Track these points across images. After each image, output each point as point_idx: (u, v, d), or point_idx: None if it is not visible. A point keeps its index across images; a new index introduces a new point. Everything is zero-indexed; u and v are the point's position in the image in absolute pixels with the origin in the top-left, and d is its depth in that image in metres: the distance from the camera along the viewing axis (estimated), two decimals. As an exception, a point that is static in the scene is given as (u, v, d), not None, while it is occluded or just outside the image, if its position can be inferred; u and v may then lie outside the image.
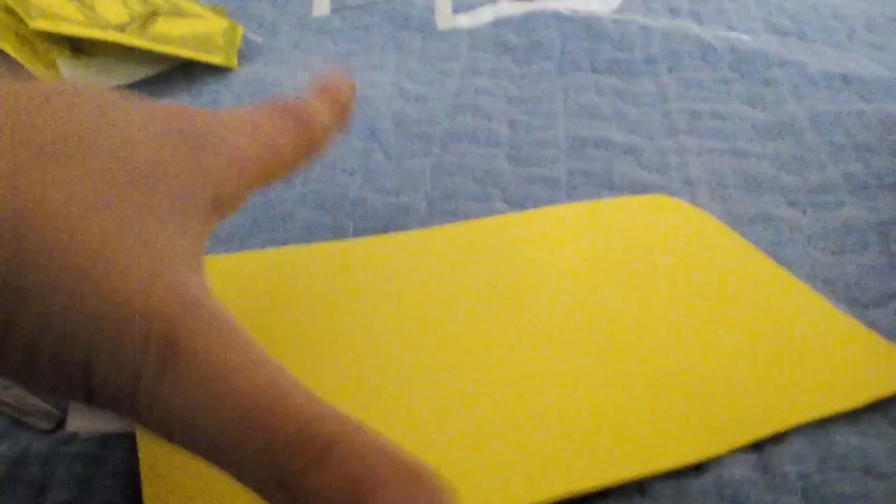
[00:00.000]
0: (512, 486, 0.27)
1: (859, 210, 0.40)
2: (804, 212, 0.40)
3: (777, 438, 0.28)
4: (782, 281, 0.35)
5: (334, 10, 0.65)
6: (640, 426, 0.29)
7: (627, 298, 0.34)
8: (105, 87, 0.26)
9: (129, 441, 0.29)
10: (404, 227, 0.40)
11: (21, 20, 0.52)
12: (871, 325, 0.33)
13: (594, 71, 0.54)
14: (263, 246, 0.39)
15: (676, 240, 0.38)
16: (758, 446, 0.28)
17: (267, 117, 0.29)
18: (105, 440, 0.29)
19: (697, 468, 0.28)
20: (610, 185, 0.43)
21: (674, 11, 0.63)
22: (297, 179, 0.43)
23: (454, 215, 0.41)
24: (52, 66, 0.51)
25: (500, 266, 0.36)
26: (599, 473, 0.27)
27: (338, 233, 0.40)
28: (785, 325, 0.33)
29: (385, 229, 0.40)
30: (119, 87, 0.53)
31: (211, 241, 0.39)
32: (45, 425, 0.29)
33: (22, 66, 0.51)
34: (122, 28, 0.53)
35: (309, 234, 0.40)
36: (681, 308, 0.34)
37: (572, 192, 0.42)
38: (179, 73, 0.55)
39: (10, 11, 0.53)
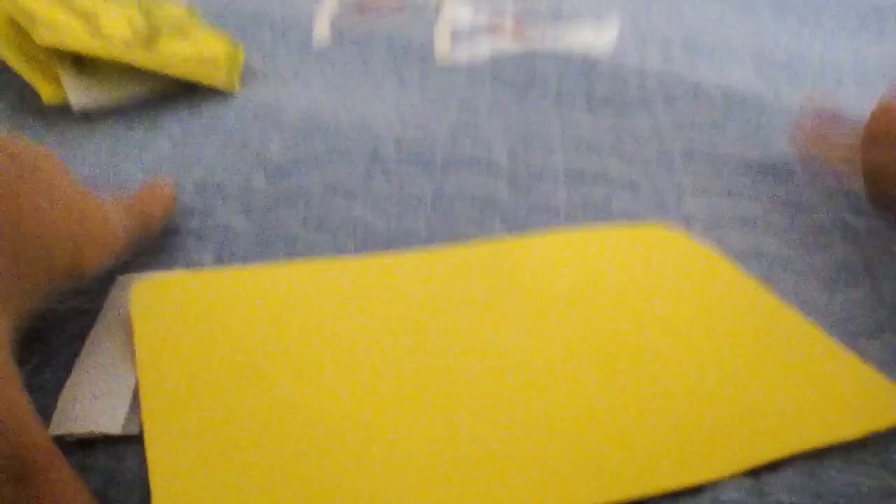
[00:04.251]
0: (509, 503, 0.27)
1: (849, 250, 0.41)
2: (796, 251, 0.41)
3: (773, 467, 0.29)
4: (778, 310, 0.36)
5: (334, 41, 0.65)
6: (639, 448, 0.29)
7: (625, 323, 0.35)
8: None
9: (140, 453, 0.29)
10: (405, 249, 0.40)
11: (27, 34, 0.53)
12: (862, 356, 0.34)
13: (590, 107, 0.55)
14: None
15: (674, 266, 0.39)
16: (754, 473, 0.29)
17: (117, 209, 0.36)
18: (117, 453, 0.29)
19: (694, 490, 0.28)
20: (608, 215, 0.44)
21: (666, 52, 0.64)
22: (300, 203, 0.44)
23: (454, 239, 0.41)
24: (56, 80, 0.52)
25: (499, 287, 0.37)
26: (599, 492, 0.27)
27: (339, 254, 0.40)
28: (782, 353, 0.33)
29: (386, 251, 0.40)
30: (121, 104, 0.54)
31: (214, 263, 0.40)
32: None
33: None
34: (126, 47, 0.53)
35: (310, 255, 0.40)
36: (677, 333, 0.35)
37: (571, 221, 0.43)
38: (181, 92, 0.55)
39: (15, 26, 0.53)
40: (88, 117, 0.53)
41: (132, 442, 0.30)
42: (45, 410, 0.30)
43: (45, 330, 0.35)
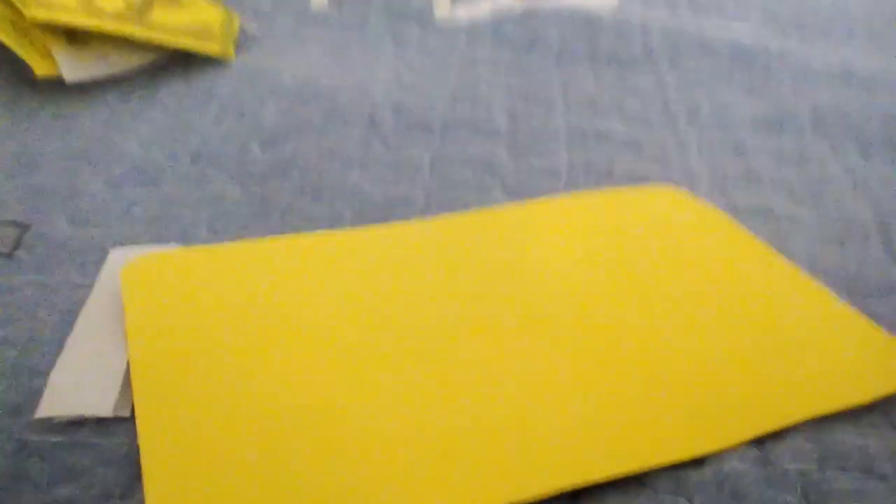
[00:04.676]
0: (512, 479, 0.26)
1: (860, 205, 0.40)
2: (805, 205, 0.40)
3: (778, 434, 0.28)
4: (787, 273, 0.35)
5: (332, 2, 0.64)
6: (641, 419, 0.28)
7: (629, 290, 0.34)
8: None
9: (130, 430, 0.29)
10: (402, 217, 0.40)
11: (17, 9, 0.52)
12: (873, 316, 0.33)
13: (593, 65, 0.54)
14: (262, 236, 0.39)
15: (679, 231, 0.38)
16: (759, 441, 0.28)
17: None
18: (107, 430, 0.29)
19: (698, 461, 0.27)
20: (610, 177, 0.43)
21: (671, 9, 0.63)
22: (295, 170, 0.43)
23: (453, 206, 0.40)
24: (48, 55, 0.51)
25: (500, 256, 0.36)
26: (600, 466, 0.27)
27: (336, 223, 0.39)
28: (790, 318, 0.33)
29: (383, 220, 0.39)
30: (116, 76, 0.53)
31: (208, 233, 0.39)
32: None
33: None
34: (118, 17, 0.52)
35: (307, 225, 0.39)
36: (682, 299, 0.34)
37: (572, 184, 0.42)
38: (176, 62, 0.55)
39: (5, 0, 0.52)
40: (83, 90, 0.52)
41: (122, 419, 0.29)
42: (35, 391, 0.30)
43: (35, 305, 0.34)
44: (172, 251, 0.36)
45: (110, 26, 0.51)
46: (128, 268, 0.35)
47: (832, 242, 0.38)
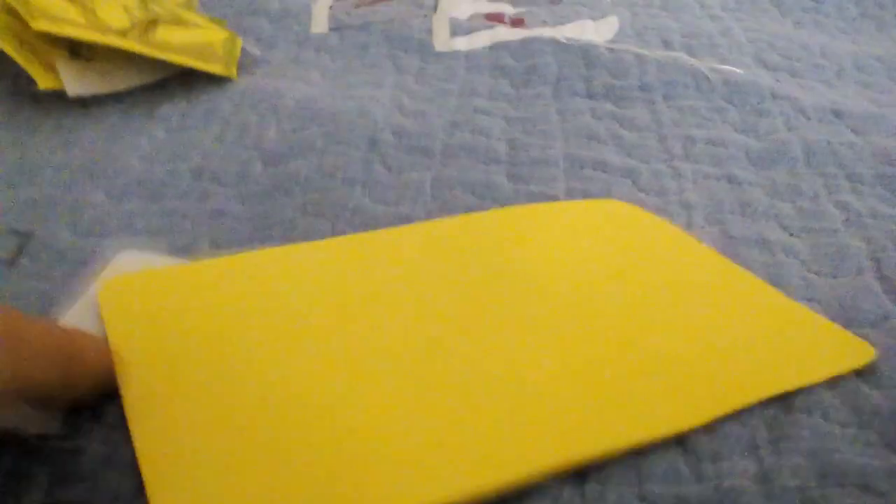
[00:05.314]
0: (492, 465, 0.27)
1: (852, 238, 0.41)
2: (799, 237, 0.41)
3: (777, 451, 0.29)
4: (734, 274, 0.38)
5: (332, 29, 0.65)
6: (601, 407, 0.30)
7: (588, 293, 0.36)
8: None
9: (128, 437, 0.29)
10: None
11: (22, 22, 0.52)
12: (868, 343, 0.34)
13: (590, 96, 0.55)
14: (263, 250, 0.39)
15: (633, 239, 0.40)
16: (759, 458, 0.28)
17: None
18: (113, 439, 0.29)
19: (697, 476, 0.28)
20: (607, 205, 0.43)
21: (667, 43, 0.64)
22: (297, 189, 0.44)
23: (453, 227, 0.41)
24: (52, 68, 0.51)
25: (467, 261, 0.38)
26: (572, 451, 0.28)
27: (336, 240, 0.40)
28: (738, 312, 0.35)
29: (384, 239, 0.40)
30: (118, 91, 0.53)
31: (210, 247, 0.39)
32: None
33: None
34: (122, 33, 0.53)
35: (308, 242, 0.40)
36: (638, 298, 0.36)
37: (570, 210, 0.43)
38: (178, 80, 0.55)
39: (11, 13, 0.53)
40: (85, 104, 0.52)
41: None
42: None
43: (37, 313, 0.34)
44: (150, 271, 0.36)
45: (115, 42, 0.52)
46: (105, 287, 0.35)
47: (826, 273, 0.38)
